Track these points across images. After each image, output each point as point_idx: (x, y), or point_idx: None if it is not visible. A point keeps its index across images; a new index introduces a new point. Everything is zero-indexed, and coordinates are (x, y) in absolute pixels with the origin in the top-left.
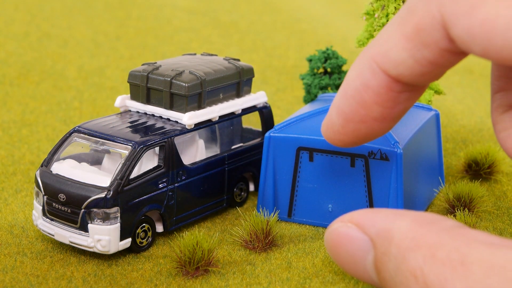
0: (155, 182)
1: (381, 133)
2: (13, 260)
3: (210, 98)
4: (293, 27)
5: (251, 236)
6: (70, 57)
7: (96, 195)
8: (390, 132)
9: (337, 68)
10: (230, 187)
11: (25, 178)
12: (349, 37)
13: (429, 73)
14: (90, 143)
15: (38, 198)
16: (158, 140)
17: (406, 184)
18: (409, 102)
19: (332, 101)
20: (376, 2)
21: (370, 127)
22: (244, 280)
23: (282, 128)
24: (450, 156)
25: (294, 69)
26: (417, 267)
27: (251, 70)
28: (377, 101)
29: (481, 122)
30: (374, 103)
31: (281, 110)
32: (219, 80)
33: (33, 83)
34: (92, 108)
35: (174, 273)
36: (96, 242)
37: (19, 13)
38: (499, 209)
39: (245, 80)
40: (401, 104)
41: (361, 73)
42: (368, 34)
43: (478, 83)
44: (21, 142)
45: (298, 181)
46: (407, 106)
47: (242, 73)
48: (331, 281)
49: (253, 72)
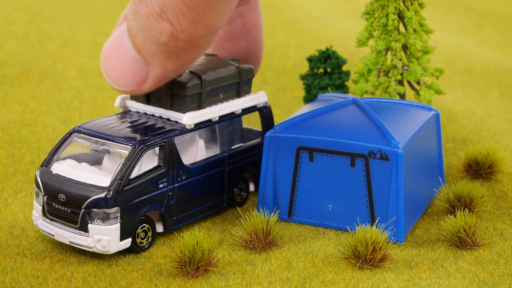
0: (155, 182)
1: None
2: (13, 261)
3: (210, 98)
4: (293, 27)
5: (251, 236)
6: (70, 57)
7: (96, 195)
8: (390, 132)
9: (337, 68)
10: (230, 187)
11: (25, 178)
12: (349, 37)
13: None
14: (90, 143)
15: (38, 198)
16: (158, 140)
17: (406, 184)
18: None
19: (332, 101)
20: (376, 2)
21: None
22: (244, 280)
23: (282, 128)
24: (450, 156)
25: (294, 69)
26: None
27: (251, 70)
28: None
29: (481, 122)
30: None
31: (281, 110)
32: (219, 80)
33: (33, 83)
34: (92, 108)
35: (174, 273)
36: (96, 242)
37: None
38: (499, 209)
39: (245, 80)
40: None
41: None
42: (368, 34)
43: (478, 83)
44: (21, 142)
45: (298, 181)
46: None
47: (242, 73)
48: (331, 281)
49: (253, 72)
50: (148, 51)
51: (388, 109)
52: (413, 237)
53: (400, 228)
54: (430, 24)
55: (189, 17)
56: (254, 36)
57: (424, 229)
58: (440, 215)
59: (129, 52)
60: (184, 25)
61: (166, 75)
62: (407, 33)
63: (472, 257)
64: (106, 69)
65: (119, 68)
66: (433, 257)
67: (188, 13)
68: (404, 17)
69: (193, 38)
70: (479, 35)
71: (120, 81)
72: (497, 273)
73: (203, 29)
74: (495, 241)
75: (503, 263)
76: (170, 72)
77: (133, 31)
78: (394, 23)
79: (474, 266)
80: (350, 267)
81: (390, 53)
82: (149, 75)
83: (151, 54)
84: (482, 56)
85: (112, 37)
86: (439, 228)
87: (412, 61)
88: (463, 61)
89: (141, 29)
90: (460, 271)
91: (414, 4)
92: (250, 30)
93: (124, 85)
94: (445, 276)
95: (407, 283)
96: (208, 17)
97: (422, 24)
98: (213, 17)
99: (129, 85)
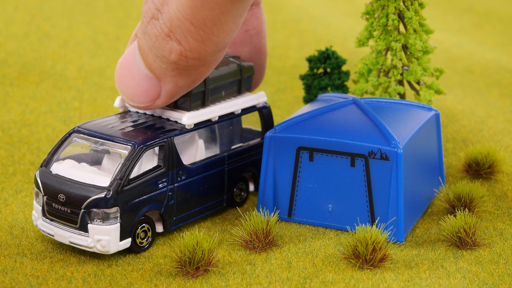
0: (155, 182)
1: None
2: (13, 261)
3: (213, 95)
4: (293, 27)
5: (251, 236)
6: (70, 57)
7: (96, 195)
8: (390, 132)
9: (337, 68)
10: (230, 187)
11: (25, 178)
12: (349, 37)
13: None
14: (89, 143)
15: (38, 198)
16: (157, 140)
17: (406, 184)
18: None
19: (332, 101)
20: (376, 2)
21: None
22: (244, 280)
23: (282, 128)
24: (450, 156)
25: (294, 69)
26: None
27: (251, 68)
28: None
29: (481, 122)
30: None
31: (281, 110)
32: (221, 78)
33: (33, 83)
34: (92, 108)
35: (174, 273)
36: (96, 242)
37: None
38: (499, 209)
39: (245, 77)
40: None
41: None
42: (368, 34)
43: (478, 83)
44: (21, 142)
45: (298, 181)
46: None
47: (243, 71)
48: (331, 281)
49: (253, 70)
50: (159, 69)
51: (388, 109)
52: (413, 237)
53: (400, 228)
54: (430, 24)
55: (197, 37)
56: (257, 43)
57: (424, 229)
58: (440, 215)
59: (142, 70)
60: (192, 44)
61: (178, 91)
62: (407, 33)
63: (472, 257)
64: (121, 87)
65: (133, 85)
66: (433, 257)
67: (196, 33)
68: (404, 17)
69: (202, 56)
70: (479, 35)
71: (134, 97)
72: (497, 273)
73: (211, 47)
74: (495, 241)
75: (503, 263)
76: (182, 88)
77: (144, 50)
78: (394, 23)
79: (474, 266)
80: (350, 267)
81: (390, 53)
82: (162, 92)
83: (162, 72)
84: (482, 56)
85: (125, 55)
86: (439, 228)
87: (412, 61)
88: (463, 61)
89: (151, 48)
90: (460, 271)
91: (414, 4)
92: (253, 37)
93: (139, 101)
94: (445, 276)
95: (407, 283)
96: (216, 35)
97: (422, 24)
98: (221, 35)
99: (143, 101)
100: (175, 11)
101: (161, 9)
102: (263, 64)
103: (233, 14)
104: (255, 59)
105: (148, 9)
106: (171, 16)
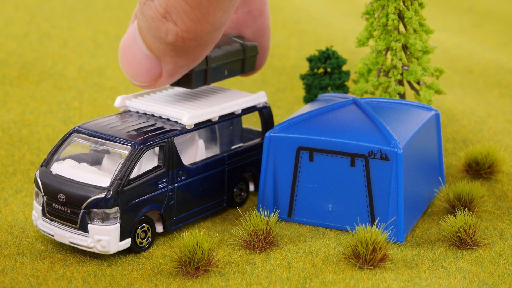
0: (155, 182)
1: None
2: (13, 261)
3: (216, 75)
4: (293, 27)
5: (251, 236)
6: (70, 57)
7: (96, 195)
8: (390, 132)
9: (337, 68)
10: (230, 187)
11: (25, 178)
12: (349, 37)
13: None
14: (90, 143)
15: (38, 198)
16: (158, 140)
17: (406, 184)
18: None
19: (332, 101)
20: (376, 2)
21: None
22: (244, 280)
23: (282, 128)
24: (450, 156)
25: (294, 69)
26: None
27: (255, 47)
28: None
29: (481, 122)
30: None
31: (281, 110)
32: (224, 57)
33: (33, 83)
34: (92, 108)
35: (174, 273)
36: (96, 242)
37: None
38: (499, 209)
39: (249, 57)
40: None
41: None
42: (368, 34)
43: (478, 83)
44: (21, 142)
45: (298, 181)
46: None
47: (247, 50)
48: (331, 281)
49: (257, 50)
50: (158, 49)
51: (388, 109)
52: (413, 237)
53: (400, 228)
54: (430, 24)
55: (193, 17)
56: (260, 24)
57: (424, 229)
58: (440, 215)
59: (142, 50)
60: (188, 25)
61: (179, 70)
62: (407, 33)
63: (472, 257)
64: (124, 66)
65: (134, 65)
66: (433, 257)
67: (192, 13)
68: (404, 17)
69: (198, 36)
70: (479, 35)
71: (137, 77)
72: (497, 273)
73: (208, 26)
74: (495, 241)
75: (503, 263)
76: (182, 68)
77: (143, 31)
78: (394, 23)
79: (474, 266)
80: (350, 267)
81: (390, 53)
82: (163, 71)
83: (161, 52)
84: (482, 56)
85: (126, 34)
86: (439, 228)
87: (412, 61)
88: (463, 61)
89: (148, 29)
90: (460, 271)
91: (414, 4)
92: (256, 18)
93: (141, 80)
94: (445, 276)
95: (407, 283)
96: (212, 15)
97: (422, 24)
98: (217, 14)
99: (146, 81)
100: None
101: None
102: (267, 45)
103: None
104: (258, 40)
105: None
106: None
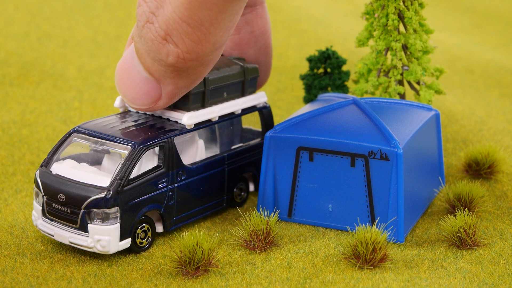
0: (155, 182)
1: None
2: (13, 261)
3: (214, 97)
4: (293, 27)
5: (251, 236)
6: (70, 57)
7: (95, 195)
8: (390, 132)
9: (337, 68)
10: (230, 187)
11: (25, 178)
12: (349, 37)
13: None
14: (89, 143)
15: (38, 198)
16: (157, 140)
17: (406, 184)
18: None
19: (332, 101)
20: (376, 2)
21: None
22: (244, 280)
23: (282, 128)
24: (450, 156)
25: (294, 69)
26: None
27: (255, 70)
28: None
29: (481, 122)
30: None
31: (281, 110)
32: (223, 79)
33: (33, 83)
34: (92, 108)
35: (174, 273)
36: (96, 242)
37: (19, 13)
38: (499, 209)
39: (249, 79)
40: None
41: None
42: (368, 34)
43: (478, 83)
44: (21, 142)
45: (298, 181)
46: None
47: (247, 72)
48: (331, 281)
49: (257, 72)
50: (158, 71)
51: (388, 109)
52: (413, 237)
53: (400, 228)
54: (430, 24)
55: (194, 37)
56: (263, 43)
57: (424, 229)
58: (440, 215)
59: (141, 73)
60: (190, 46)
61: (179, 91)
62: (407, 33)
63: (472, 257)
64: (122, 89)
65: (133, 88)
66: (433, 257)
67: (193, 34)
68: (404, 17)
69: (199, 56)
70: (479, 35)
71: (136, 100)
72: (497, 273)
73: (209, 46)
74: (495, 241)
75: (503, 263)
76: (182, 88)
77: (141, 54)
78: (394, 23)
79: (474, 266)
80: (350, 267)
81: (390, 53)
82: (163, 93)
83: (161, 74)
84: (482, 56)
85: (123, 58)
86: (439, 228)
87: (412, 61)
88: (463, 61)
89: (148, 52)
90: (460, 271)
91: (414, 4)
92: (258, 37)
93: (140, 104)
94: (445, 276)
95: (407, 283)
96: (213, 35)
97: (422, 24)
98: (218, 33)
99: (145, 104)
100: (171, 13)
101: (156, 12)
102: (269, 63)
103: (230, 12)
104: (261, 59)
105: (142, 13)
106: (167, 19)
